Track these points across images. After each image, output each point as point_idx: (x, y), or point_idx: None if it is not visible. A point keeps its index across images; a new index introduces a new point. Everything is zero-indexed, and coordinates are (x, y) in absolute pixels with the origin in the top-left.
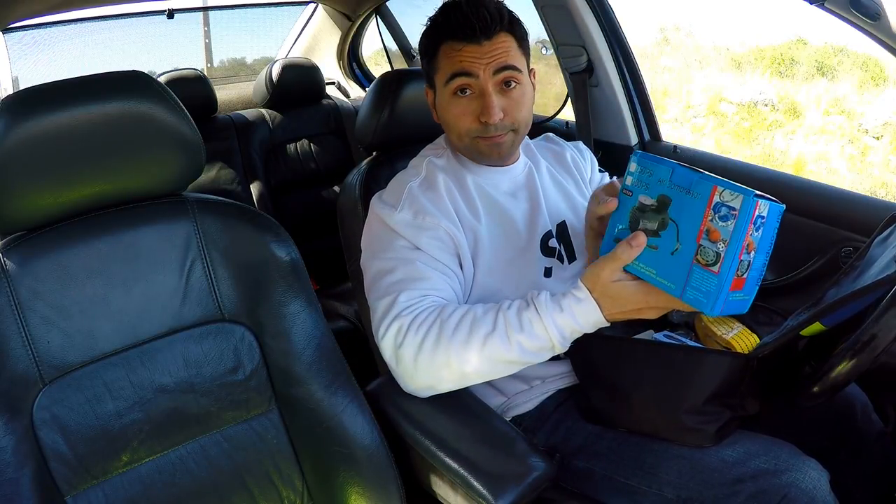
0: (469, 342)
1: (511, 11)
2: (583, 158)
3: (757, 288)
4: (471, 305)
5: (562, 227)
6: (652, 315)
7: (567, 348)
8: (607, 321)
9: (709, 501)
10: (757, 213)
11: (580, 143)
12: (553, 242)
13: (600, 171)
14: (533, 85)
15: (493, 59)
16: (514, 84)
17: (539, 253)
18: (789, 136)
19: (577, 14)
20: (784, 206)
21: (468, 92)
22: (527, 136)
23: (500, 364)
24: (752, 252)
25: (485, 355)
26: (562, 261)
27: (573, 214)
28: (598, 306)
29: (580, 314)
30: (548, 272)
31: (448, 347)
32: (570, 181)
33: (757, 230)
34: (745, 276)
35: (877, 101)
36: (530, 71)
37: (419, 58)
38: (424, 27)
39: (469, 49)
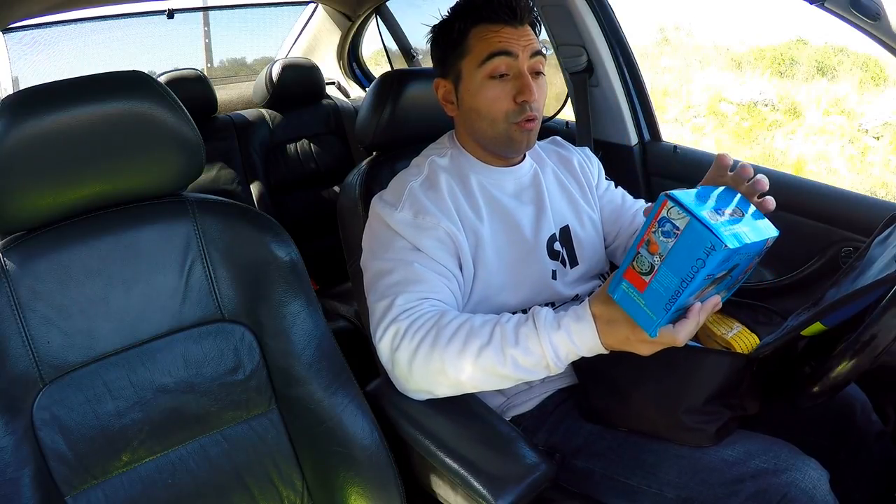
0: (463, 352)
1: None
2: (590, 165)
3: (664, 314)
4: (470, 314)
5: (565, 231)
6: (643, 350)
7: (563, 369)
8: (604, 347)
9: (709, 501)
10: (664, 213)
11: (587, 150)
12: (557, 246)
13: (607, 178)
14: None
15: (529, 43)
16: (541, 71)
17: (546, 255)
18: (789, 136)
19: (577, 14)
20: (729, 249)
21: (503, 75)
22: None
23: (495, 377)
24: (656, 256)
25: (479, 367)
26: (564, 265)
27: (576, 220)
28: (597, 329)
29: (576, 333)
30: (553, 275)
31: (443, 355)
32: (575, 186)
33: (664, 235)
34: (646, 278)
35: (877, 101)
36: None
37: (424, 55)
38: (448, 13)
39: (507, 30)
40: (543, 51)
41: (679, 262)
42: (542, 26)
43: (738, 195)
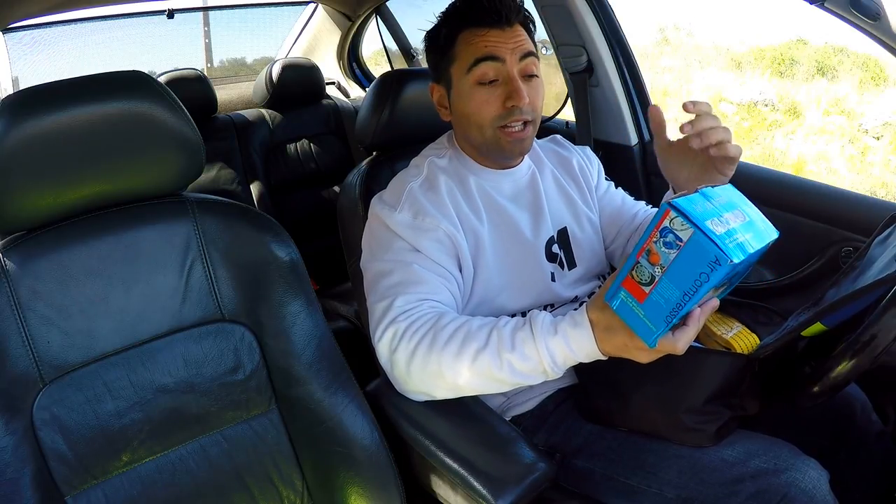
0: (460, 355)
1: (525, 7)
2: (590, 165)
3: (664, 326)
4: (468, 317)
5: (563, 233)
6: (641, 357)
7: (560, 375)
8: (601, 353)
9: (709, 501)
10: (666, 223)
11: (588, 149)
12: (555, 248)
13: (606, 179)
14: None
15: (518, 45)
16: (534, 73)
17: (544, 258)
18: (789, 136)
19: (577, 14)
20: (732, 264)
21: (493, 81)
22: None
23: (492, 381)
24: (657, 267)
25: (475, 370)
26: (563, 266)
27: (575, 222)
28: (594, 335)
29: (574, 340)
30: (552, 277)
31: (440, 358)
32: (574, 188)
33: (666, 246)
34: (645, 289)
35: (877, 101)
36: None
37: (424, 55)
38: (438, 19)
39: (494, 34)
40: (542, 51)
41: (682, 275)
42: (538, 25)
43: (739, 194)
